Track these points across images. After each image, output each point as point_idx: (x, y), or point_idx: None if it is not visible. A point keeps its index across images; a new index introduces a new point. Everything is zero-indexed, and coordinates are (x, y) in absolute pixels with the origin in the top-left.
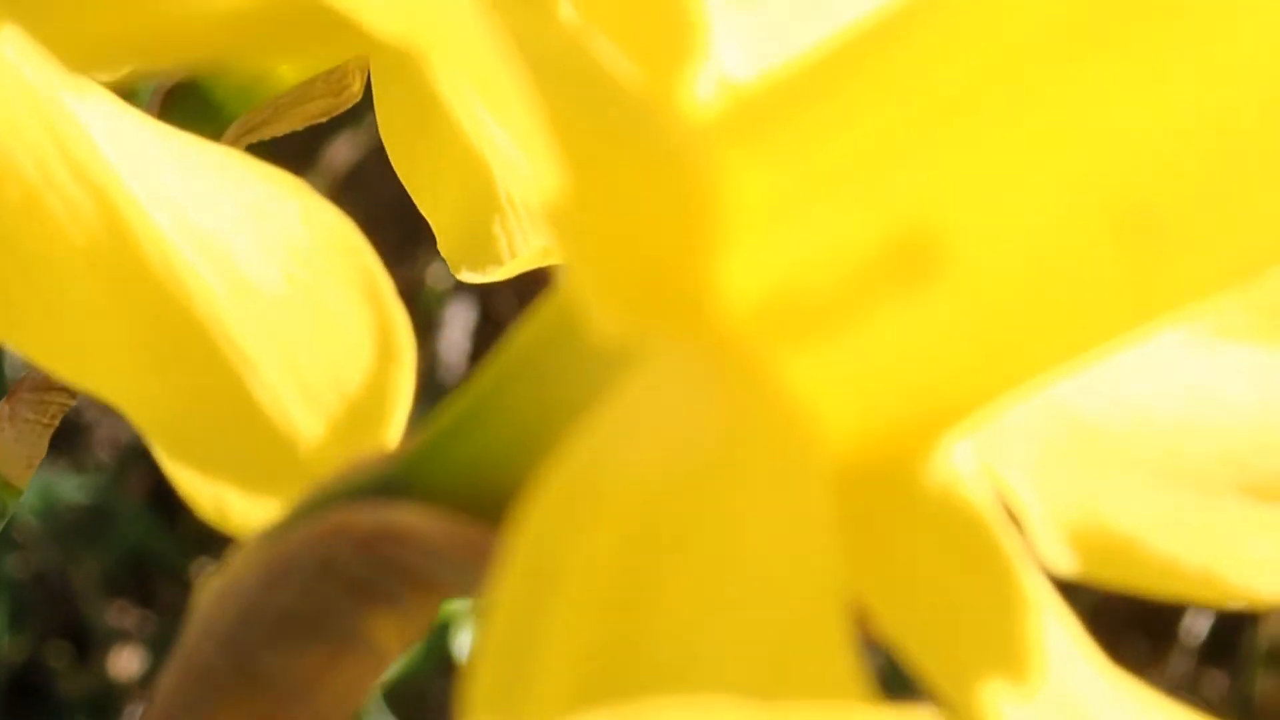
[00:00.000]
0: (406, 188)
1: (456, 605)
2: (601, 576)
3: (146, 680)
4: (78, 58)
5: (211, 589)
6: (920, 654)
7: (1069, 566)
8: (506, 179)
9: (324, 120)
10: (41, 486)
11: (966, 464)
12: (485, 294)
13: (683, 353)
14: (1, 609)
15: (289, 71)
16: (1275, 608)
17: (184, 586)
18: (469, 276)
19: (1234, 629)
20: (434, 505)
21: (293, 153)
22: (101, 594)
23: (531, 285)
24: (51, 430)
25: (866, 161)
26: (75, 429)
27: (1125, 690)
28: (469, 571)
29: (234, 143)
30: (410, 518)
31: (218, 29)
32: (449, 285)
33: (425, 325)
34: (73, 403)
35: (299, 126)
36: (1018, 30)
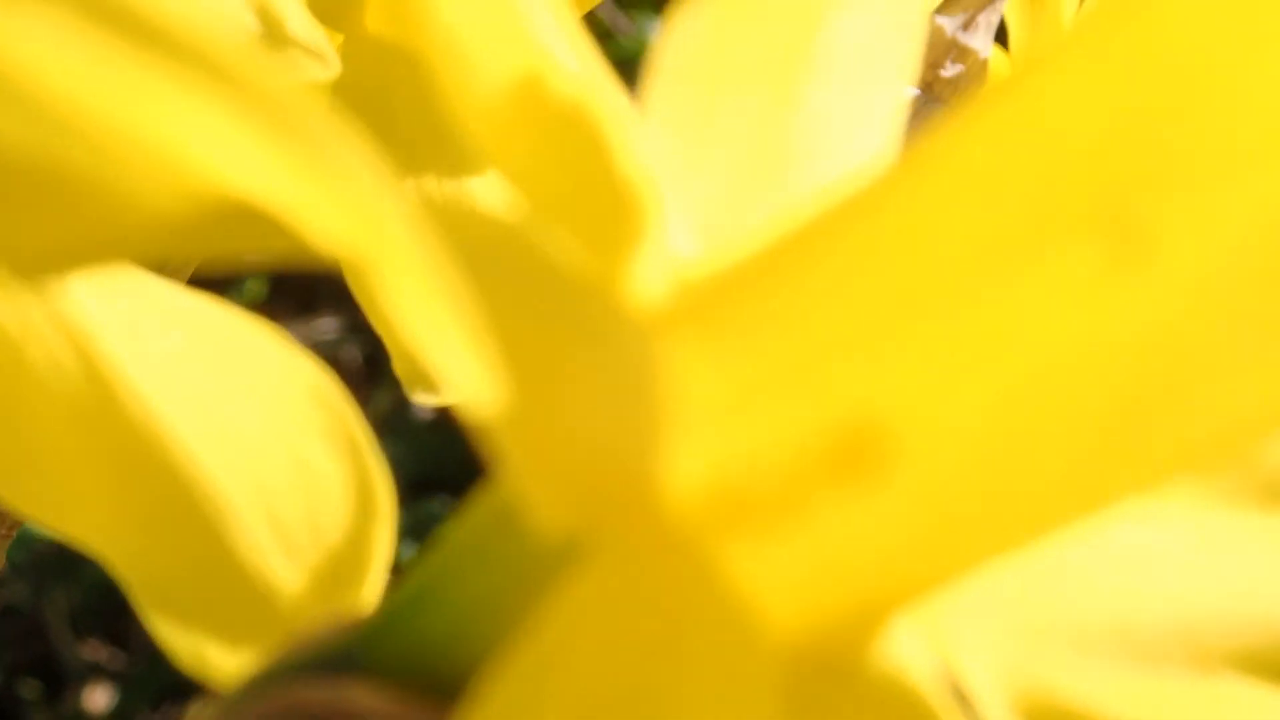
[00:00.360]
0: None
1: None
2: None
3: (117, 716)
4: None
5: None
6: None
7: None
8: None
9: None
10: None
11: (912, 643)
12: None
13: (627, 546)
14: None
15: None
16: None
17: None
18: (423, 399)
19: None
20: (387, 682)
21: None
22: (72, 630)
23: None
24: (10, 539)
25: (814, 356)
26: None
27: None
28: None
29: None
30: (363, 695)
31: (152, 237)
32: None
33: None
34: None
35: None
36: (966, 227)
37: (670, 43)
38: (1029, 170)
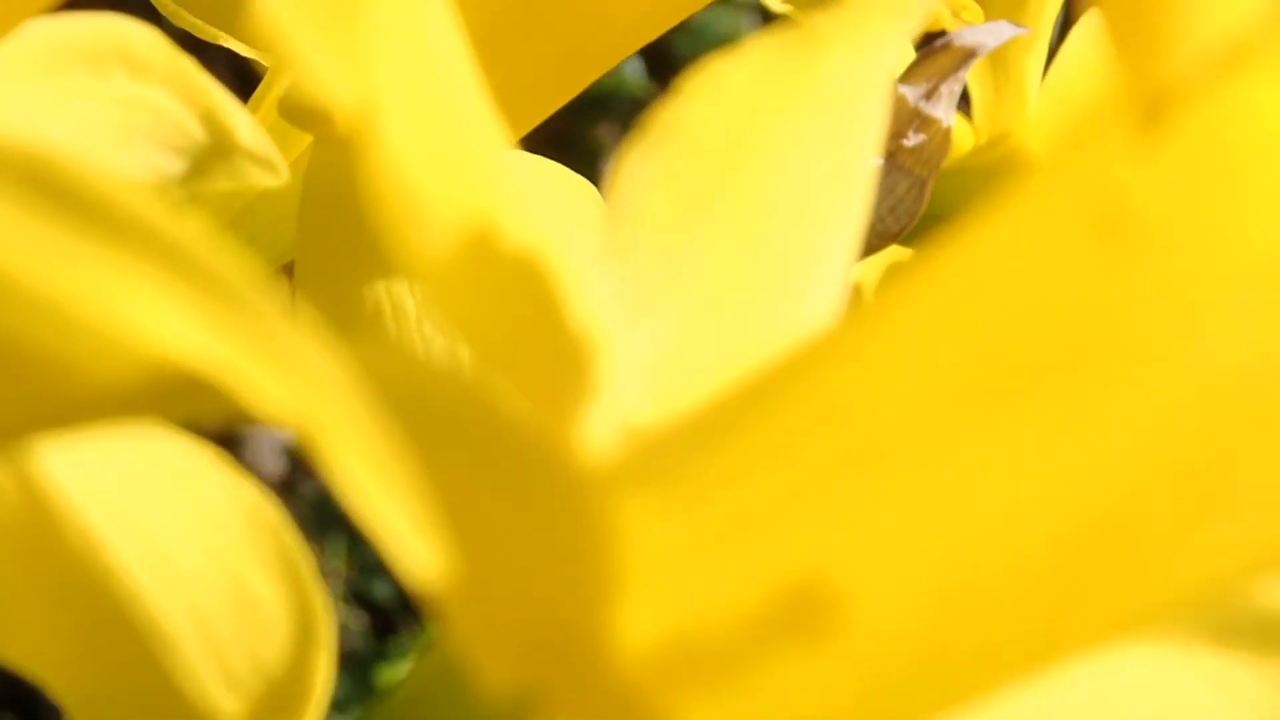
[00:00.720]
0: None
1: None
2: None
3: None
4: None
5: None
6: None
7: None
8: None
9: None
10: None
11: None
12: None
13: (576, 702)
14: None
15: None
16: None
17: None
18: None
19: None
20: None
21: None
22: None
23: None
24: None
25: (761, 513)
26: None
27: None
28: None
29: None
30: None
31: (102, 406)
32: None
33: None
34: None
35: None
36: (909, 387)
37: (623, 182)
38: (973, 331)
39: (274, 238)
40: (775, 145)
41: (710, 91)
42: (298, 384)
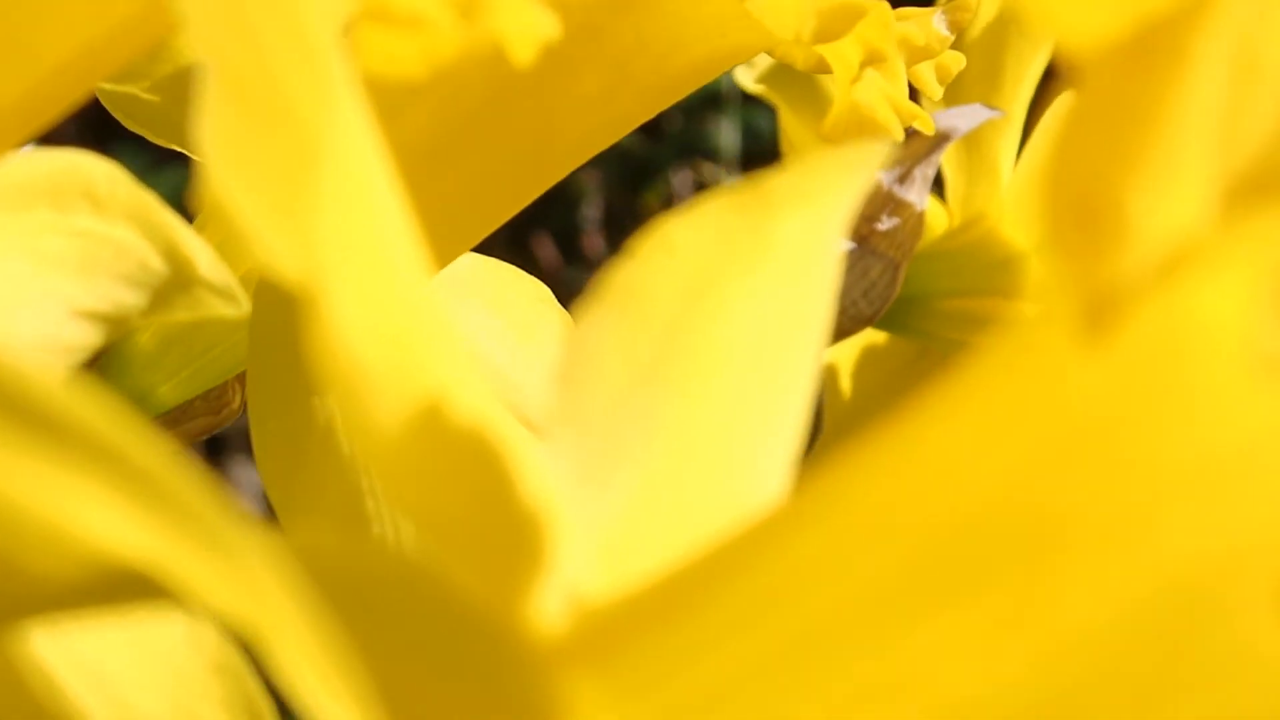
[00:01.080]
0: None
1: None
2: None
3: None
4: None
5: None
6: None
7: None
8: None
9: None
10: None
11: None
12: None
13: None
14: None
15: (168, 392)
16: None
17: None
18: None
19: None
20: None
21: None
22: None
23: None
24: None
25: (711, 694)
26: None
27: None
28: None
29: None
30: None
31: (48, 600)
32: None
33: None
34: None
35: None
36: (857, 574)
37: (576, 347)
38: (923, 517)
39: (226, 349)
40: (728, 309)
41: (663, 254)
42: (236, 584)
